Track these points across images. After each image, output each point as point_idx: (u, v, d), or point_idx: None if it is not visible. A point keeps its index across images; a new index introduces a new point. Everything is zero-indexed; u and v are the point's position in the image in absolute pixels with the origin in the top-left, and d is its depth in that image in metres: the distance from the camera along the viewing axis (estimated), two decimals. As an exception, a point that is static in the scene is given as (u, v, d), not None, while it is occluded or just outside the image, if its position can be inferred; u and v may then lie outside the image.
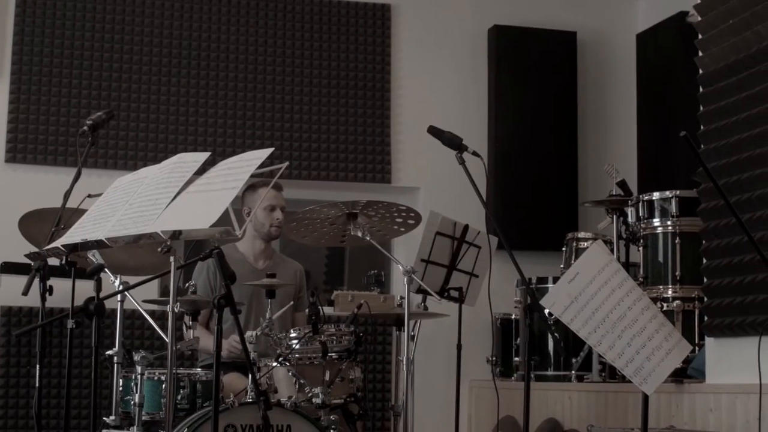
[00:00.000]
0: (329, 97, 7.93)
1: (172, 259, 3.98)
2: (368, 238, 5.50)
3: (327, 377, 5.17)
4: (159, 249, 3.97)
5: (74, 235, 4.23)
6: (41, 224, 5.24)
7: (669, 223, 6.40)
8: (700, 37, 5.83)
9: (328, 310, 6.56)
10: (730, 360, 5.42)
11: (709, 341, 5.66)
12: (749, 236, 3.66)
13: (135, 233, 3.95)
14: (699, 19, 5.84)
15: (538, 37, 8.28)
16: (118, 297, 4.97)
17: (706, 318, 5.70)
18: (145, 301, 5.29)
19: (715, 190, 4.76)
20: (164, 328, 4.75)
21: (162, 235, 3.87)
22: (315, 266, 8.41)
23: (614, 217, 6.85)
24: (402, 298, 5.43)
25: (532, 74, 8.24)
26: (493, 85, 8.21)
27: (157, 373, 5.05)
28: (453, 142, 4.98)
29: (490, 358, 7.34)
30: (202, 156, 4.22)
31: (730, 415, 5.25)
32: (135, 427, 4.86)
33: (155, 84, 7.62)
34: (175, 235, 3.87)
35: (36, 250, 4.70)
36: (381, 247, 5.56)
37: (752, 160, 5.31)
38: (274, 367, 5.20)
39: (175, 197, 4.01)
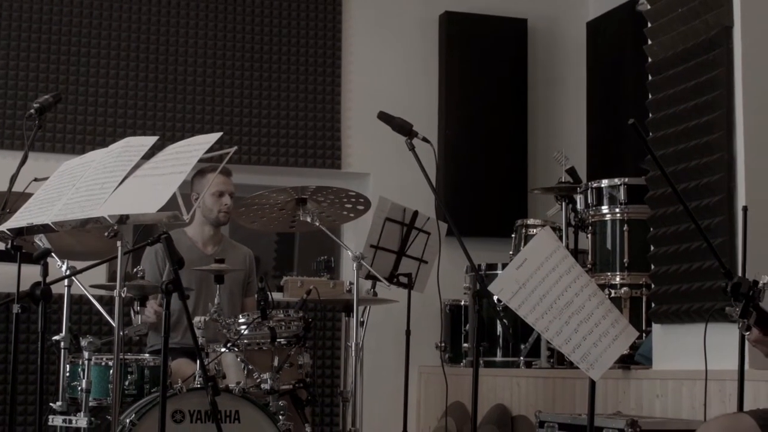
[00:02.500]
0: (279, 82, 7.91)
1: (119, 243, 3.96)
2: (317, 224, 5.50)
3: (275, 363, 5.16)
4: (106, 233, 3.94)
5: (20, 219, 4.19)
6: (-14, 208, 5.18)
7: (617, 210, 6.44)
8: (649, 25, 5.86)
9: (277, 296, 6.56)
10: (677, 346, 5.46)
11: (655, 328, 5.70)
12: (696, 224, 3.68)
13: (82, 217, 3.92)
14: (648, 7, 5.87)
15: (488, 24, 8.30)
16: (65, 282, 4.94)
17: (653, 305, 5.74)
18: (92, 286, 5.25)
19: (663, 177, 4.79)
20: (112, 314, 4.72)
21: (109, 220, 3.85)
22: (265, 252, 8.39)
23: (563, 204, 6.87)
24: (351, 283, 5.43)
25: (483, 61, 8.26)
26: (444, 72, 8.22)
27: (104, 359, 5.03)
28: (403, 128, 4.97)
29: (439, 344, 7.35)
30: (150, 140, 4.19)
31: (676, 400, 5.29)
32: (82, 413, 4.83)
33: (103, 67, 7.56)
34: (122, 219, 3.85)
35: (-19, 234, 4.65)
36: (330, 233, 5.56)
37: (699, 148, 5.35)
38: (222, 352, 5.18)
39: (122, 181, 3.98)
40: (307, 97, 7.94)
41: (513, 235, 7.20)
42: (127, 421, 4.72)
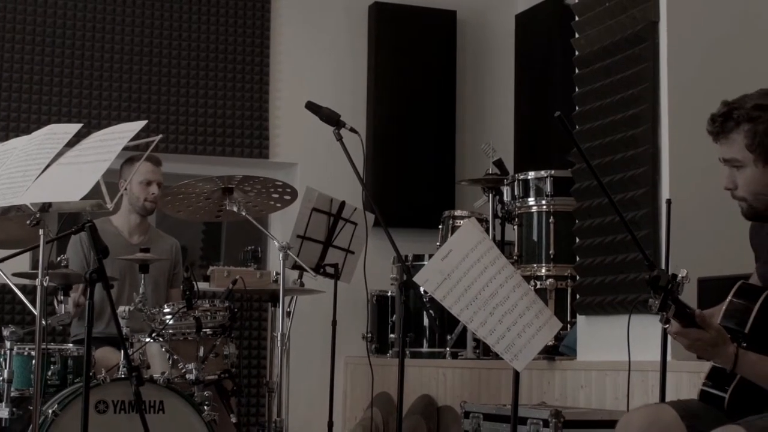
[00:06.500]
0: (207, 71, 7.85)
1: (41, 232, 3.91)
2: (244, 214, 5.48)
3: (201, 353, 5.14)
4: (28, 222, 3.90)
5: (-60, 206, 4.13)
6: None
7: (543, 202, 6.48)
8: (577, 19, 5.90)
9: (203, 286, 6.51)
10: (601, 337, 5.51)
11: (580, 319, 5.75)
12: (621, 216, 3.70)
13: (3, 205, 3.88)
14: (576, 1, 5.91)
15: (418, 16, 8.30)
16: (-13, 271, 4.88)
17: (578, 296, 5.79)
18: (15, 275, 5.19)
19: (589, 170, 4.83)
20: (35, 303, 4.67)
21: (31, 208, 3.81)
22: (191, 241, 8.35)
23: (490, 195, 6.91)
24: (278, 273, 5.42)
25: (412, 52, 8.26)
26: (373, 63, 8.22)
27: (27, 349, 4.97)
28: (331, 118, 4.96)
29: (366, 335, 7.36)
30: (74, 127, 4.16)
31: (599, 391, 5.34)
32: (3, 403, 4.78)
33: (28, 53, 7.45)
34: (45, 207, 3.81)
35: None
36: (257, 223, 5.54)
37: (625, 141, 5.40)
38: (147, 342, 5.15)
39: (45, 169, 3.95)
40: (235, 86, 7.89)
41: (440, 226, 7.22)
42: (50, 411, 4.66)
